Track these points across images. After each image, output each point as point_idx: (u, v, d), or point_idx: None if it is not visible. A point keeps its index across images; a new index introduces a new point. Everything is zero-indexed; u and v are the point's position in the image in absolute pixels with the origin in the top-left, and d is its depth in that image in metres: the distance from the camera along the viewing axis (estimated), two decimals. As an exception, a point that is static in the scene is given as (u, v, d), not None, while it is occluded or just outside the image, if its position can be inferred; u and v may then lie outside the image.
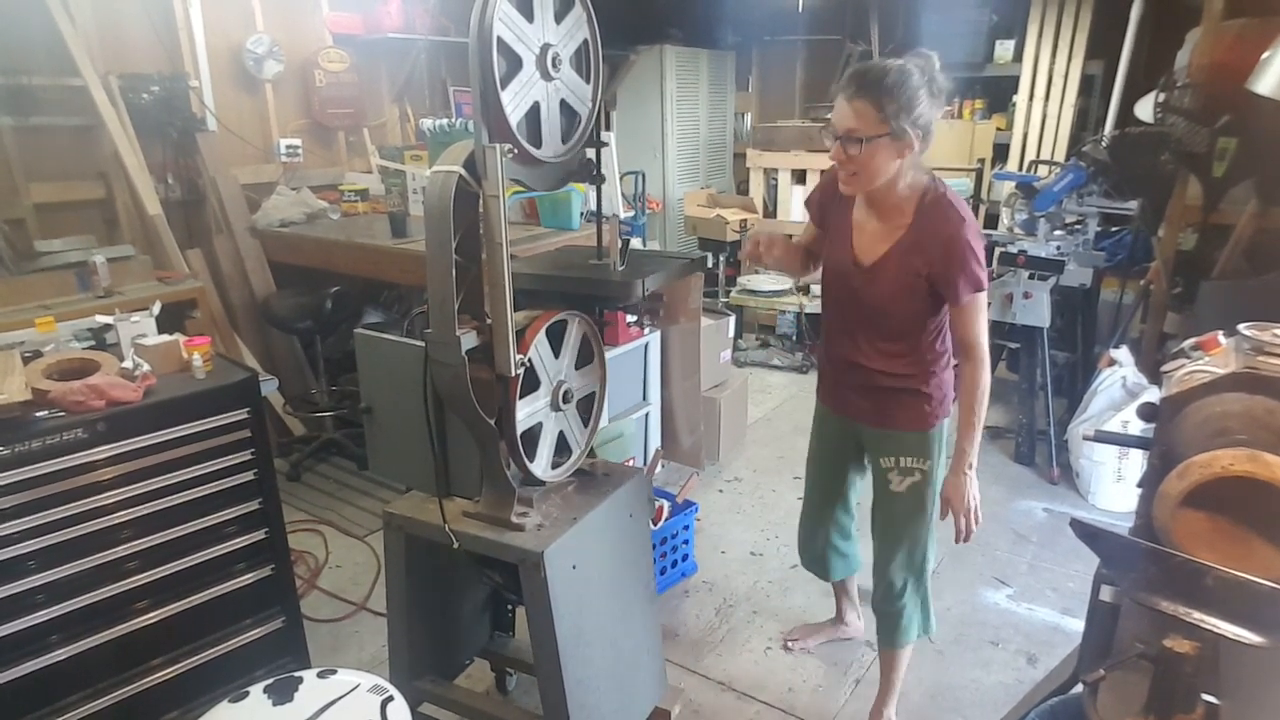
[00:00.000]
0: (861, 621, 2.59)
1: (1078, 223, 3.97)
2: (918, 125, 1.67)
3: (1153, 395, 3.22)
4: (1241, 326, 1.34)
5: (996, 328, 3.86)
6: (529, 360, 1.62)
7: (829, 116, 1.78)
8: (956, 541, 1.93)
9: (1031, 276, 3.69)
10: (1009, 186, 4.34)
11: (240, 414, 1.97)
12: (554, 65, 1.54)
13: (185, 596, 1.95)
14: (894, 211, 1.82)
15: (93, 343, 2.09)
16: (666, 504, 2.80)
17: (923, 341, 1.90)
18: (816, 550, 2.35)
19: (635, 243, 1.96)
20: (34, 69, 3.24)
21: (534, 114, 1.54)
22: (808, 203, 2.10)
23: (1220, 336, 1.41)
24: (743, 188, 6.31)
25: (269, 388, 2.14)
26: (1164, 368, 1.44)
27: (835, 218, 1.96)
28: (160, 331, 2.06)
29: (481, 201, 1.50)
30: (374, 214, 4.08)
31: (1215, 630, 1.09)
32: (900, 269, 1.82)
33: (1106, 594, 1.34)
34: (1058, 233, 3.83)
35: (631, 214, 3.52)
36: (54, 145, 3.39)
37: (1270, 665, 1.16)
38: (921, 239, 1.78)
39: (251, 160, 4.10)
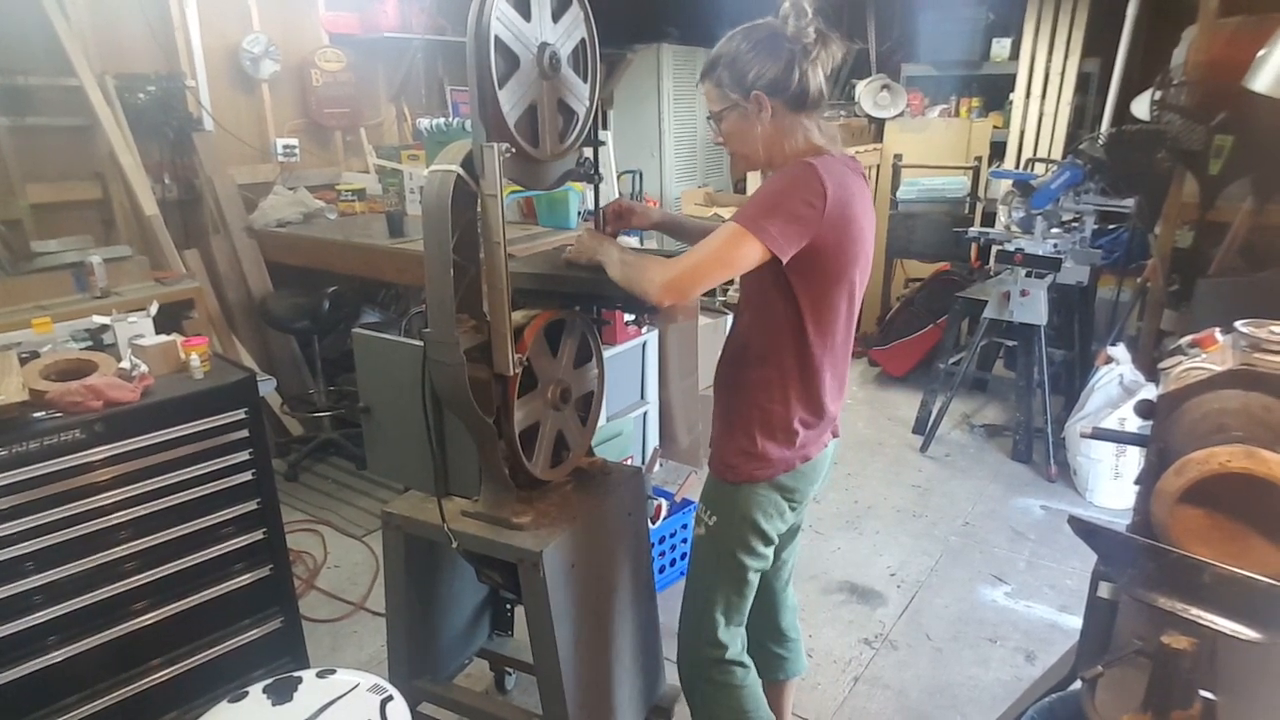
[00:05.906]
0: None
1: (1075, 220, 3.97)
2: (760, 86, 1.54)
3: (1150, 392, 3.22)
4: (1238, 323, 1.34)
5: (994, 325, 3.87)
6: (527, 359, 1.62)
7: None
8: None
9: (1029, 274, 3.70)
10: (1006, 184, 4.35)
11: (238, 414, 1.97)
12: (552, 64, 1.54)
13: (184, 597, 1.94)
14: None
15: (90, 343, 2.08)
16: (665, 503, 2.80)
17: (770, 360, 1.62)
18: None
19: (633, 241, 1.96)
20: (29, 69, 3.24)
21: (531, 113, 1.54)
22: None
23: (1217, 333, 1.42)
24: (740, 186, 6.31)
25: (267, 388, 2.14)
26: (1161, 365, 1.45)
27: None
28: (157, 332, 2.06)
29: (479, 201, 1.50)
30: (371, 214, 4.08)
31: (1213, 626, 1.09)
32: None
33: (1104, 591, 1.34)
34: (1055, 230, 3.84)
35: (629, 213, 3.53)
36: (50, 146, 3.38)
37: (1267, 661, 1.16)
38: None
39: (248, 160, 4.09)
